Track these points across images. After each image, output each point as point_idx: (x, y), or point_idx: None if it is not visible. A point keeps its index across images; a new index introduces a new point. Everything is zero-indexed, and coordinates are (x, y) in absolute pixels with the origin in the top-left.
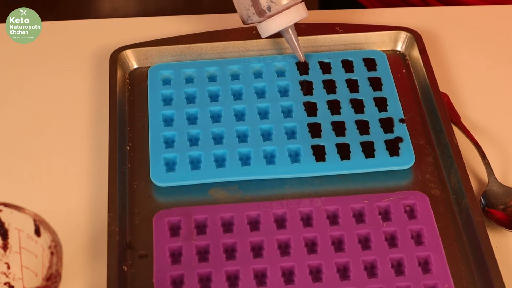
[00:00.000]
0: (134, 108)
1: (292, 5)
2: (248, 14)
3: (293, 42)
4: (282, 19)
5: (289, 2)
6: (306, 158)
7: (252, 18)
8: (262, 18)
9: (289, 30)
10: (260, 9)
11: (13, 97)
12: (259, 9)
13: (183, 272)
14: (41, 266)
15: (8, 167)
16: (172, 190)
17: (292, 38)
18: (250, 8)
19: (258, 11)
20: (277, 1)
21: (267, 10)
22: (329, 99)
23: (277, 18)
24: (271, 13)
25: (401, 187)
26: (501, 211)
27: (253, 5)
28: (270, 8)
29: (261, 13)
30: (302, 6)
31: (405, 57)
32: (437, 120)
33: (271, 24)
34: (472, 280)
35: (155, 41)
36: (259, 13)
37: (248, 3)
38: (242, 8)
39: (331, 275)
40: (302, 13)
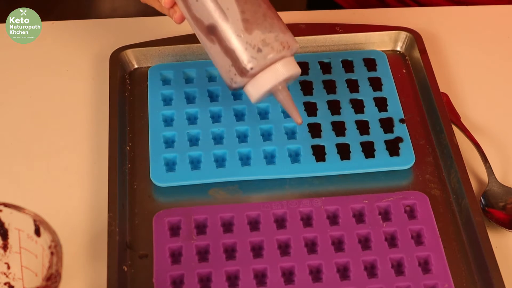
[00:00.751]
0: (134, 108)
1: (277, 60)
2: (230, 77)
3: (287, 103)
4: (268, 76)
5: (273, 55)
6: (306, 158)
7: (235, 80)
8: (246, 79)
9: (279, 88)
10: (241, 67)
11: (13, 97)
12: (240, 68)
13: (183, 272)
14: (41, 266)
15: (8, 167)
16: (172, 190)
17: (285, 99)
18: (231, 69)
19: (240, 70)
20: (258, 56)
21: (248, 68)
22: (329, 99)
23: (263, 75)
24: (254, 71)
25: (401, 187)
26: (501, 209)
27: (234, 65)
28: (252, 64)
29: (243, 72)
30: (291, 60)
31: (405, 57)
32: (437, 120)
33: (257, 84)
34: (472, 280)
35: (155, 41)
36: (242, 73)
37: (229, 63)
38: (224, 72)
39: (331, 275)
40: (291, 68)
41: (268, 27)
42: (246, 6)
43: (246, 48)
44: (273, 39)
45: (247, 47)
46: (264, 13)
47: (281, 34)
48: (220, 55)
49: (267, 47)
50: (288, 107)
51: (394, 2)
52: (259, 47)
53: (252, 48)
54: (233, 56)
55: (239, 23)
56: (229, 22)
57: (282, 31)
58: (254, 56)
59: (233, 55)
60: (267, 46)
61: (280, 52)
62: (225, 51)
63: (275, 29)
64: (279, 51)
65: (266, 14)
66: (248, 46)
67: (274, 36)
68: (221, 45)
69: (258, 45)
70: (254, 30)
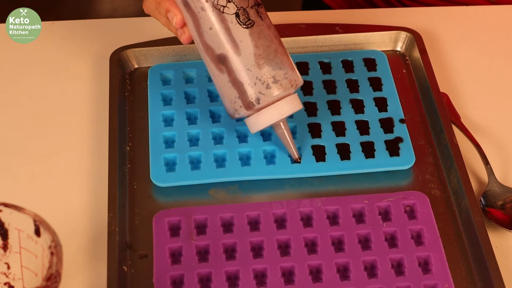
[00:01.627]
0: (134, 108)
1: (283, 97)
2: (235, 108)
3: (286, 138)
4: (272, 112)
5: (280, 93)
6: (306, 158)
7: (239, 111)
8: (251, 112)
9: (280, 124)
10: (248, 101)
11: (13, 97)
12: (246, 102)
13: (183, 272)
14: (41, 266)
15: (8, 167)
16: (172, 190)
17: (284, 134)
18: (237, 100)
19: (246, 103)
20: (267, 92)
21: (255, 103)
22: (329, 99)
23: (267, 111)
24: (260, 106)
25: (401, 187)
26: (501, 209)
27: (240, 97)
28: (259, 100)
29: (249, 106)
30: (295, 98)
31: (405, 57)
32: (437, 120)
33: (261, 118)
34: (472, 280)
35: (155, 41)
36: (247, 106)
37: (235, 95)
38: (228, 101)
39: (331, 275)
40: (295, 105)
41: (279, 64)
42: (260, 41)
43: (256, 83)
44: (282, 76)
45: (257, 82)
46: (276, 48)
47: (290, 71)
48: (227, 85)
49: (277, 84)
50: (286, 142)
51: (382, 3)
52: (268, 84)
53: (262, 84)
54: (241, 89)
55: (251, 57)
56: (241, 55)
57: (291, 68)
58: (262, 92)
59: (241, 88)
60: (276, 83)
61: (288, 90)
62: (233, 82)
63: (284, 66)
64: (287, 89)
65: (277, 50)
66: (258, 81)
67: (284, 73)
68: (230, 75)
69: (268, 81)
70: (265, 66)
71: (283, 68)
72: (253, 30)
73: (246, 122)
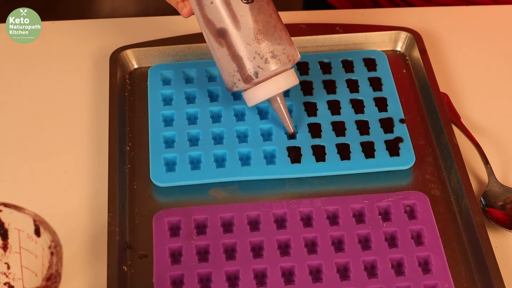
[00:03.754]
0: (134, 108)
1: (281, 72)
2: (233, 81)
3: (282, 112)
4: (270, 86)
5: (278, 68)
6: (306, 158)
7: (238, 85)
8: (249, 85)
9: (277, 98)
10: (246, 75)
11: (13, 97)
12: (245, 75)
13: (183, 272)
14: (41, 266)
15: (8, 167)
16: (172, 190)
17: (280, 108)
18: (236, 74)
19: (244, 77)
20: (265, 67)
21: (254, 76)
22: (329, 99)
23: (265, 85)
24: (258, 80)
25: (401, 187)
26: (501, 209)
27: (239, 71)
28: (257, 74)
29: (247, 79)
30: (291, 73)
31: (405, 57)
32: (437, 120)
33: (258, 92)
34: (472, 280)
35: (155, 41)
36: (246, 80)
37: (234, 68)
38: (227, 75)
39: (331, 275)
40: (292, 80)
41: (277, 39)
42: (260, 16)
43: (255, 57)
44: (281, 51)
45: (256, 56)
46: (275, 24)
47: (288, 46)
48: (227, 59)
49: (275, 59)
50: (282, 116)
51: (386, 2)
52: (267, 59)
53: (260, 58)
54: (240, 63)
55: (250, 32)
56: (241, 29)
57: (289, 43)
58: (261, 66)
59: (240, 62)
60: (274, 58)
61: (285, 65)
62: (232, 56)
63: (283, 41)
64: (285, 64)
65: (276, 25)
66: (257, 56)
67: (282, 48)
68: (229, 49)
69: (266, 56)
70: (264, 40)
71: (281, 44)
72: (253, 6)
73: (243, 95)
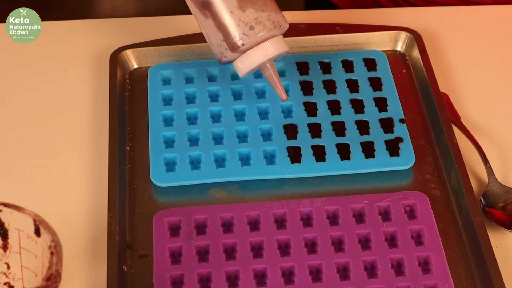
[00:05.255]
0: (134, 108)
1: (268, 38)
2: (221, 51)
3: (273, 79)
4: (258, 53)
5: (264, 33)
6: (306, 158)
7: (226, 54)
8: (237, 54)
9: (267, 66)
10: (232, 43)
11: (13, 97)
12: (231, 44)
13: (183, 272)
14: (41, 266)
15: (8, 167)
16: (172, 190)
17: (271, 75)
18: (223, 43)
19: (231, 45)
20: (250, 33)
21: (240, 44)
22: (329, 99)
23: (252, 52)
24: (245, 47)
25: (401, 187)
26: (501, 209)
27: (225, 40)
28: (243, 41)
29: (234, 47)
30: (280, 39)
31: (405, 57)
32: (437, 120)
33: (247, 60)
34: (472, 280)
35: (155, 41)
36: (232, 48)
37: (220, 38)
38: (215, 45)
39: (331, 275)
40: (280, 47)
41: (261, 6)
42: None
43: (239, 25)
44: (265, 18)
45: (240, 24)
46: None
47: (273, 13)
48: (213, 29)
49: (259, 25)
50: (273, 83)
51: (389, 3)
52: (252, 25)
53: (245, 25)
54: (225, 32)
55: (233, 0)
56: None
57: (274, 10)
58: (246, 33)
59: (226, 31)
60: (259, 25)
61: (271, 31)
62: (217, 26)
63: (267, 8)
64: (270, 30)
65: None
66: (241, 23)
67: (267, 15)
68: (214, 20)
69: (251, 23)
70: (248, 8)
71: (265, 10)
72: None
73: (234, 65)
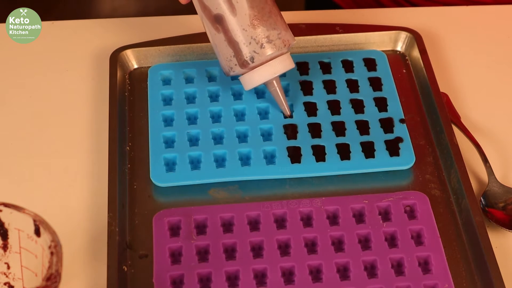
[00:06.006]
0: (134, 108)
1: (276, 56)
2: (230, 66)
3: (278, 95)
4: (266, 71)
5: (274, 52)
6: (306, 158)
7: (234, 69)
8: (245, 70)
9: (273, 82)
10: (242, 60)
11: (13, 97)
12: (241, 60)
13: (183, 272)
14: (41, 266)
15: (8, 167)
16: (172, 190)
17: (277, 91)
18: (232, 59)
19: (241, 62)
20: (261, 52)
21: (250, 61)
22: (329, 99)
23: (261, 69)
24: (254, 64)
25: (401, 187)
26: (501, 209)
27: (236, 56)
28: (253, 59)
29: (243, 64)
30: (287, 57)
31: (405, 57)
32: (437, 120)
33: (255, 76)
34: (472, 280)
35: (155, 41)
36: (242, 65)
37: (230, 53)
38: (223, 59)
39: (331, 275)
40: (288, 64)
41: (272, 24)
42: (255, 2)
43: (250, 42)
44: (276, 36)
45: (251, 41)
46: (270, 9)
47: (283, 31)
48: (223, 44)
49: (270, 44)
50: (278, 99)
51: (390, 3)
52: (262, 43)
53: (256, 43)
54: (236, 48)
55: (246, 17)
56: (237, 15)
57: (284, 28)
58: (256, 51)
59: (236, 47)
60: (270, 43)
61: (281, 50)
62: (228, 41)
63: (278, 26)
64: (280, 49)
65: (271, 11)
66: (253, 41)
67: (277, 33)
68: (225, 35)
69: (262, 41)
70: (260, 26)
71: (276, 29)
72: None
73: (240, 79)
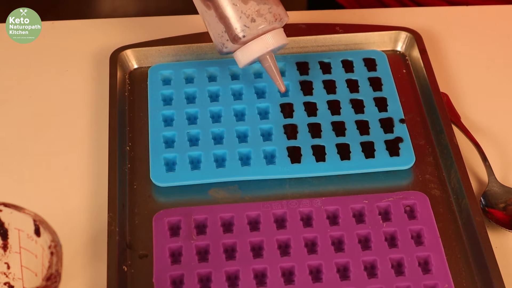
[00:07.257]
0: (134, 108)
1: (268, 30)
2: (222, 42)
3: (272, 72)
4: (258, 45)
5: (264, 26)
6: (306, 158)
7: (227, 45)
8: (237, 45)
9: (267, 58)
10: (234, 35)
11: (13, 97)
12: (233, 35)
13: (183, 272)
14: (41, 266)
15: (8, 167)
16: (172, 190)
17: (271, 67)
18: (224, 34)
19: (232, 37)
20: (251, 26)
21: (241, 36)
22: (329, 99)
23: (253, 43)
24: (246, 39)
25: (401, 187)
26: (501, 209)
27: (227, 31)
28: (244, 33)
29: (235, 39)
30: (280, 32)
31: (405, 57)
32: (437, 120)
33: (247, 51)
34: (472, 280)
35: (155, 41)
36: (233, 39)
37: (222, 29)
38: (216, 36)
39: (331, 275)
40: (280, 39)
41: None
42: None
43: (241, 17)
44: (266, 10)
45: (242, 16)
46: None
47: (274, 6)
48: (214, 20)
49: (261, 18)
50: (273, 75)
51: (393, 2)
52: (253, 17)
53: (246, 17)
54: (227, 23)
55: None
56: None
57: (275, 3)
58: (247, 25)
59: (227, 22)
60: (260, 17)
61: (272, 24)
62: (219, 17)
63: (269, 1)
64: (271, 23)
65: None
66: (243, 15)
67: (268, 8)
68: (216, 11)
69: (252, 15)
70: (250, 0)
71: (267, 3)
72: None
73: (234, 56)
